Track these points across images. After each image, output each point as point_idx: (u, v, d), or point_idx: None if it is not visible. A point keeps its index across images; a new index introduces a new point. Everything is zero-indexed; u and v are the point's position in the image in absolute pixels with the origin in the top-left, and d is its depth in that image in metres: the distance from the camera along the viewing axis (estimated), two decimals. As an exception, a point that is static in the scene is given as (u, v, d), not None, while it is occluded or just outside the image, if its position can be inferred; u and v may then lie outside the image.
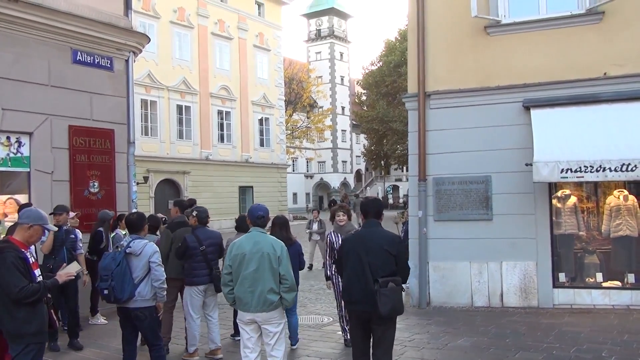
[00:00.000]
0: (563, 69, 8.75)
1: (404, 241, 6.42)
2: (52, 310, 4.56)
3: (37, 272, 4.32)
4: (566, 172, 7.88)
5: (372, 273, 4.52)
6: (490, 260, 9.09)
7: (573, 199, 9.17)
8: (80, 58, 8.90)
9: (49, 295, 4.33)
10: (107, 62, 9.30)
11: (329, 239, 7.05)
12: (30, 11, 8.00)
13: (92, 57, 9.05)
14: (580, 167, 7.83)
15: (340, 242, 6.25)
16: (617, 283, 8.80)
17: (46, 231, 4.96)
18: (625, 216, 8.81)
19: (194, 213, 6.63)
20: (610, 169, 7.70)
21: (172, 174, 29.37)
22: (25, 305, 4.05)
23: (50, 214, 8.01)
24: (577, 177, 7.94)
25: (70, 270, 4.59)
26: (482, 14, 8.92)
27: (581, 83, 8.62)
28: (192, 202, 9.74)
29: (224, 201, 30.61)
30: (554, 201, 9.11)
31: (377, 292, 4.41)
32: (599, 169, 7.76)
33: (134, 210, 9.44)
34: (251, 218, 5.05)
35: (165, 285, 5.40)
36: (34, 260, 4.42)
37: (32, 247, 4.83)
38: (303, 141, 50.26)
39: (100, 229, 8.18)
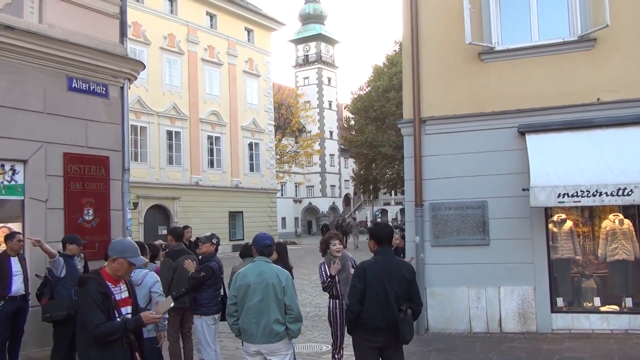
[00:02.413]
0: (557, 95, 8.86)
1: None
2: (137, 353, 4.04)
3: (127, 309, 3.95)
4: (563, 197, 7.94)
5: (396, 302, 4.51)
6: (488, 285, 9.06)
7: (569, 224, 9.20)
8: (76, 85, 8.86)
9: (131, 337, 3.92)
10: (103, 89, 9.26)
11: (323, 270, 6.57)
12: (26, 39, 7.97)
13: (87, 84, 9.01)
14: (577, 192, 7.89)
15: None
16: (615, 307, 8.80)
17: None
18: (621, 240, 8.85)
19: (214, 240, 6.55)
20: (606, 193, 7.76)
21: (161, 199, 29.20)
22: (101, 345, 3.69)
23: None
24: (574, 201, 8.00)
25: (160, 309, 4.07)
26: (476, 40, 9.04)
27: (575, 108, 8.73)
28: (186, 228, 9.69)
29: (214, 227, 30.34)
30: (550, 225, 9.14)
31: (401, 320, 4.41)
32: (595, 193, 7.82)
33: (128, 238, 9.35)
34: (257, 247, 4.96)
35: (167, 315, 5.31)
36: (125, 296, 4.00)
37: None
38: (292, 166, 50.27)
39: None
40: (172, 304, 4.29)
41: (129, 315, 3.92)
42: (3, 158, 7.94)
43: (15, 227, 8.12)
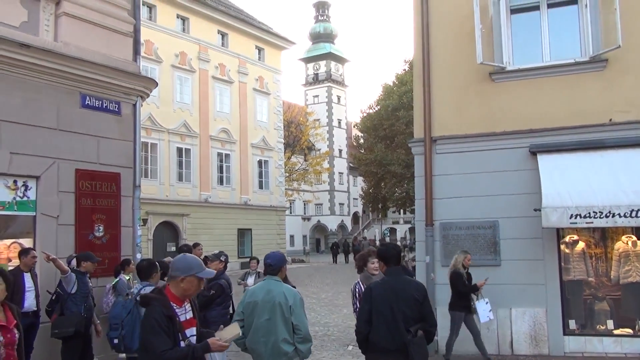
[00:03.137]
0: (568, 115, 8.83)
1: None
2: None
3: (191, 331, 3.74)
4: (575, 218, 7.87)
5: (405, 323, 4.44)
6: (499, 306, 8.96)
7: (581, 245, 9.12)
8: (89, 102, 8.93)
9: None
10: (115, 107, 9.32)
11: (357, 290, 6.13)
12: (41, 57, 8.05)
13: (100, 102, 9.08)
14: (589, 213, 7.82)
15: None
16: (629, 331, 8.67)
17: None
18: (634, 262, 8.76)
19: (222, 258, 6.52)
20: (619, 214, 7.69)
21: (171, 216, 29.26)
22: None
23: (70, 259, 7.98)
24: (586, 222, 7.92)
25: (225, 336, 3.79)
26: (487, 60, 9.05)
27: (587, 129, 8.70)
28: (196, 245, 9.68)
29: (223, 244, 30.36)
30: (562, 246, 9.06)
31: (410, 342, 4.34)
32: (608, 214, 7.75)
33: (138, 255, 9.36)
34: (264, 265, 4.97)
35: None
36: (190, 316, 3.78)
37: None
38: (301, 183, 50.31)
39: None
40: (239, 333, 4.04)
41: (194, 337, 3.71)
42: (16, 174, 7.98)
43: (26, 242, 8.14)
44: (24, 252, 7.26)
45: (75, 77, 8.61)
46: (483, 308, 8.45)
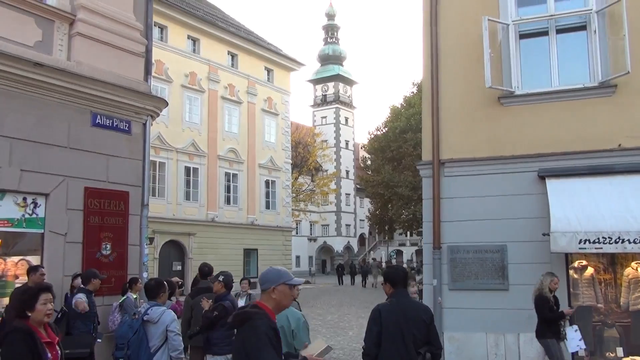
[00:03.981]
0: (577, 140, 8.82)
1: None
2: None
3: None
4: (584, 243, 7.81)
5: (414, 345, 4.43)
6: (507, 331, 8.87)
7: (590, 270, 9.04)
8: (100, 121, 9.01)
9: None
10: (126, 126, 9.40)
11: None
12: (54, 75, 8.16)
13: (111, 121, 9.16)
14: (598, 238, 7.76)
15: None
16: (639, 358, 8.54)
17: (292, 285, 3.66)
18: (644, 289, 8.66)
19: (221, 278, 6.52)
20: (629, 240, 7.63)
21: (177, 235, 29.28)
22: None
23: (75, 276, 7.99)
24: (595, 248, 7.86)
25: (314, 350, 3.68)
26: (496, 85, 9.08)
27: (596, 154, 8.67)
28: (210, 268, 9.64)
29: (229, 263, 30.26)
30: (571, 272, 8.98)
31: None
32: (617, 240, 7.69)
33: (145, 274, 9.35)
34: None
35: (183, 356, 5.25)
36: None
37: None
38: (307, 204, 50.31)
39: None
40: (328, 346, 3.90)
41: None
42: (26, 191, 8.04)
43: (34, 260, 8.16)
44: (32, 270, 7.27)
45: (87, 96, 8.71)
46: (572, 336, 7.79)
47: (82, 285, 7.60)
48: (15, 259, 8.19)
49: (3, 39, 7.62)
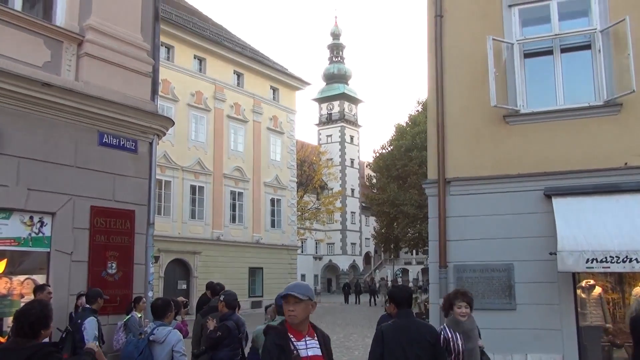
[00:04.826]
0: (583, 159, 8.80)
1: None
2: None
3: None
4: (592, 262, 7.75)
5: None
6: (515, 352, 8.78)
7: (598, 290, 8.97)
8: (106, 140, 9.06)
9: None
10: (132, 145, 9.45)
11: (444, 337, 5.24)
12: (62, 95, 8.23)
13: (117, 140, 9.21)
14: (605, 258, 7.70)
15: (458, 341, 5.12)
16: (649, 379, 8.42)
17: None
18: (653, 308, 8.57)
19: (222, 297, 6.51)
20: (637, 259, 7.56)
21: (182, 253, 29.27)
22: None
23: (79, 295, 7.98)
24: (603, 267, 7.80)
25: None
26: (501, 103, 9.10)
27: (602, 173, 8.64)
28: (222, 287, 9.60)
29: (234, 282, 30.23)
30: (579, 291, 8.91)
31: None
32: (625, 259, 7.63)
33: (150, 293, 9.34)
34: (277, 306, 4.93)
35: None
36: (313, 353, 3.51)
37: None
38: (313, 222, 50.26)
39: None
40: None
41: None
42: (33, 210, 8.07)
43: (40, 279, 8.17)
44: (39, 289, 7.27)
45: (94, 115, 8.77)
46: None
47: (87, 305, 7.58)
48: (21, 277, 8.20)
49: (13, 60, 7.71)
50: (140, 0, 9.74)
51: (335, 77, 73.08)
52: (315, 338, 3.58)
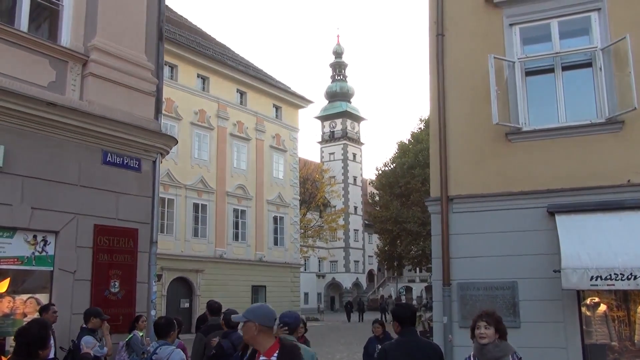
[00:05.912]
0: (586, 176, 8.80)
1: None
2: None
3: None
4: (596, 280, 7.71)
5: None
6: (520, 371, 8.69)
7: (603, 307, 8.90)
8: (110, 159, 9.11)
9: None
10: (135, 163, 9.50)
11: None
12: (67, 115, 8.30)
13: (121, 158, 9.27)
14: (610, 275, 7.66)
15: None
16: (656, 399, 8.34)
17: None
18: (658, 326, 8.51)
19: (222, 316, 6.50)
20: (642, 277, 7.53)
21: (185, 272, 29.21)
22: None
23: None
24: (607, 285, 7.75)
25: None
26: (503, 121, 9.13)
27: (605, 190, 8.63)
28: (220, 305, 9.58)
29: (237, 300, 30.08)
30: (583, 309, 8.85)
31: None
32: (630, 276, 7.59)
33: (153, 312, 9.31)
34: (283, 324, 4.91)
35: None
36: None
37: None
38: (316, 240, 50.17)
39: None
40: None
41: None
42: (36, 229, 8.10)
43: (43, 298, 8.17)
44: (44, 309, 7.26)
45: (98, 134, 8.84)
46: None
47: (83, 325, 7.56)
48: (24, 296, 8.20)
49: (19, 80, 7.80)
50: (145, 20, 9.85)
51: (338, 95, 73.42)
52: (272, 358, 3.64)
